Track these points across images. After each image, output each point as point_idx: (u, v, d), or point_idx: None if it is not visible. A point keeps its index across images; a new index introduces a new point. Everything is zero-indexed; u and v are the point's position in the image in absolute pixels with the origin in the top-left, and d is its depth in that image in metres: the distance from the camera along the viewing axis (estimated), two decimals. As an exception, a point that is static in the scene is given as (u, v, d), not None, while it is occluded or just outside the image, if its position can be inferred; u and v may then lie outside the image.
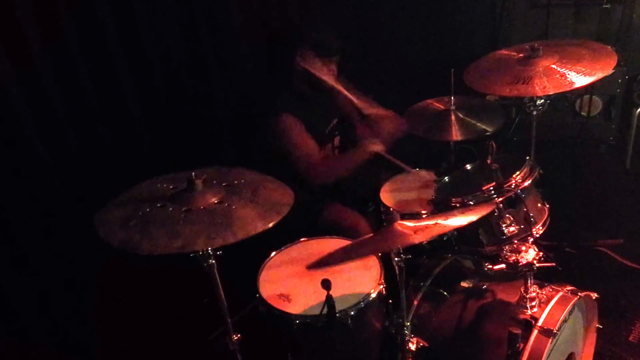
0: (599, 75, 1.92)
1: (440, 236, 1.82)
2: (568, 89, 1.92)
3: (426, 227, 1.42)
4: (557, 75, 1.95)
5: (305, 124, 2.32)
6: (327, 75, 2.30)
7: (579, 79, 1.91)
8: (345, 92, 2.35)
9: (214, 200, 1.49)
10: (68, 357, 2.19)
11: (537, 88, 1.93)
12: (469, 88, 2.14)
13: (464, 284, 1.91)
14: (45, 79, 2.05)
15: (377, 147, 2.30)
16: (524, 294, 1.69)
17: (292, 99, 2.35)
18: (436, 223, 1.44)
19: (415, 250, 1.82)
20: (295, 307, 1.72)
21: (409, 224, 1.48)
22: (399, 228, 1.49)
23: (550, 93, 1.93)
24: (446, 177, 2.11)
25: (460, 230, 1.81)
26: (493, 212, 1.79)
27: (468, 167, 2.11)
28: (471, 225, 1.57)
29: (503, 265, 1.71)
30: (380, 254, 1.82)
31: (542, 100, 2.16)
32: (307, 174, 2.27)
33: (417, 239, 1.40)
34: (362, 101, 2.43)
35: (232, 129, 2.76)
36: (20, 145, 2.00)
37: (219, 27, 2.62)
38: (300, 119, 2.31)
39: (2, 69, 1.90)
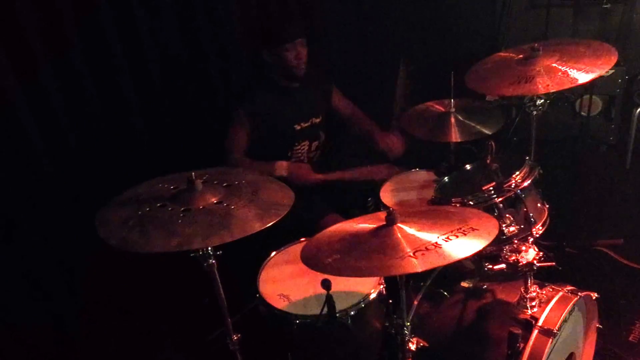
0: (600, 72, 1.90)
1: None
2: (570, 85, 1.90)
3: (426, 248, 1.35)
4: (559, 73, 1.93)
5: (275, 117, 2.41)
6: (295, 61, 2.35)
7: (581, 76, 1.89)
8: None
9: (214, 200, 1.49)
10: (67, 351, 2.20)
11: (539, 86, 1.91)
12: (469, 90, 2.13)
13: (464, 284, 1.91)
14: (45, 81, 2.05)
15: (283, 172, 2.35)
16: (524, 294, 1.69)
17: (268, 94, 2.41)
18: (436, 243, 1.38)
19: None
20: (295, 307, 1.72)
21: (410, 229, 1.46)
22: (398, 233, 1.46)
23: (553, 90, 1.91)
24: (446, 177, 2.11)
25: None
26: (493, 212, 1.79)
27: (468, 167, 2.12)
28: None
29: (503, 265, 1.71)
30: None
31: (542, 100, 2.15)
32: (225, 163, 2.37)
33: (418, 265, 1.31)
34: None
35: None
36: (19, 145, 2.00)
37: (219, 27, 2.62)
38: (270, 112, 2.39)
39: (2, 68, 1.90)
